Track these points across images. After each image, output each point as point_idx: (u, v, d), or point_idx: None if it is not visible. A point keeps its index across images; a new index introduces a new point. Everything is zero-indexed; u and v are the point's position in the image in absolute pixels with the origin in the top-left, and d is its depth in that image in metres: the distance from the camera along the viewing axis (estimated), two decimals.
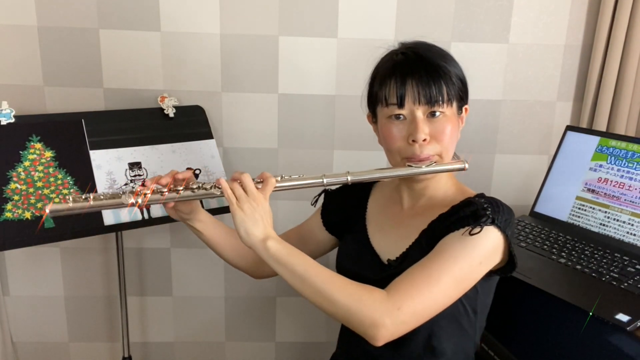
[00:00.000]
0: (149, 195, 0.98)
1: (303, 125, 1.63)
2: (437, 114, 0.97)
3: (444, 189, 1.06)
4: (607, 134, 1.45)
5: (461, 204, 0.99)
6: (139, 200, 0.97)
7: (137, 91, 1.56)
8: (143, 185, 1.02)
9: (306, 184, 1.00)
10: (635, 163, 1.34)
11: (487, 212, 0.93)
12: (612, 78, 1.56)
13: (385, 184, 1.18)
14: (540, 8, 1.56)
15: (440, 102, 0.96)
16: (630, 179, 1.34)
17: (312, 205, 1.21)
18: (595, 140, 1.44)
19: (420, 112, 0.96)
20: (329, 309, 0.90)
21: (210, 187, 0.99)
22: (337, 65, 1.58)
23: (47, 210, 0.94)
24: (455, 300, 0.94)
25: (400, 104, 0.96)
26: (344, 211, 1.18)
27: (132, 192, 0.97)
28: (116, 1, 1.50)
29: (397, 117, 0.98)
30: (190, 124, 1.52)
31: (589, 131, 1.49)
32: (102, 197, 0.98)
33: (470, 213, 0.95)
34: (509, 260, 0.99)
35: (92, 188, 1.33)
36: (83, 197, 0.97)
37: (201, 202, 1.19)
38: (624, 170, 1.36)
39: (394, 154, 1.01)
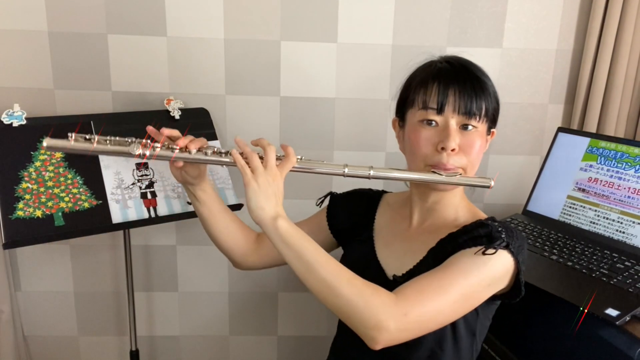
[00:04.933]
0: (159, 149, 0.89)
1: (304, 127, 1.64)
2: (470, 127, 0.93)
3: (455, 208, 1.01)
4: (597, 135, 1.46)
5: (474, 224, 0.95)
6: (147, 153, 0.88)
7: (144, 94, 1.57)
8: (153, 140, 0.92)
9: (326, 171, 0.93)
10: (624, 163, 1.36)
11: (502, 236, 0.90)
12: (602, 81, 1.57)
13: (394, 197, 1.13)
14: (532, 14, 1.58)
15: (477, 117, 0.93)
16: (620, 178, 1.36)
17: (317, 205, 1.19)
18: (585, 141, 1.45)
19: (454, 122, 0.92)
20: (332, 301, 0.84)
21: (226, 154, 0.91)
22: (337, 68, 1.59)
23: (45, 144, 0.84)
24: (459, 317, 0.90)
25: (440, 110, 0.92)
26: (352, 218, 1.13)
27: (140, 143, 0.88)
28: (124, 7, 1.51)
29: (429, 122, 0.93)
30: (196, 125, 1.51)
31: (580, 132, 1.50)
32: (107, 141, 0.88)
33: (484, 234, 0.91)
34: (515, 286, 0.95)
35: (101, 189, 1.31)
36: (87, 137, 0.87)
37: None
38: (613, 170, 1.37)
39: (418, 160, 0.95)
